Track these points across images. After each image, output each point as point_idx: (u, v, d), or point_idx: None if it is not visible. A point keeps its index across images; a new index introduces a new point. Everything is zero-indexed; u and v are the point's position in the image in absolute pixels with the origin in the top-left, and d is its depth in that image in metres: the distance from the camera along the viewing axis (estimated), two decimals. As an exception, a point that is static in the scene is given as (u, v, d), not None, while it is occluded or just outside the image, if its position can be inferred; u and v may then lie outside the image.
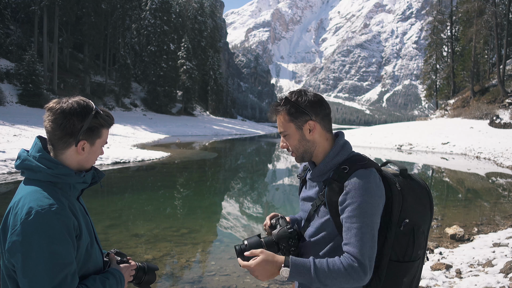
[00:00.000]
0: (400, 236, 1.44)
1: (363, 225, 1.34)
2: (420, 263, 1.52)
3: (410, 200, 1.46)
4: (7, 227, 1.25)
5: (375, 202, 1.37)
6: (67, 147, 1.34)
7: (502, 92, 35.47)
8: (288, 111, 1.50)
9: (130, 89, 53.23)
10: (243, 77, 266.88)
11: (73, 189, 1.38)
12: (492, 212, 8.71)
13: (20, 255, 1.19)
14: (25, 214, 1.21)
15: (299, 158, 1.56)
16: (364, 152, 1.54)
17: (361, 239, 1.33)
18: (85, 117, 1.33)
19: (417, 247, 1.47)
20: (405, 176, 1.51)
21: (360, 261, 1.32)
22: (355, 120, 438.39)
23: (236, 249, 1.51)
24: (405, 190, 1.46)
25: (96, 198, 8.92)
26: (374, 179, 1.40)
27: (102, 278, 1.37)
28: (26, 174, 1.33)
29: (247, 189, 12.26)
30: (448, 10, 51.58)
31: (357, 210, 1.35)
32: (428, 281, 4.28)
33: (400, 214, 1.43)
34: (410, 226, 1.45)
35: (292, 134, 1.52)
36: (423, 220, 1.49)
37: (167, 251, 5.56)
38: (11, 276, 1.27)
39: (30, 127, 23.22)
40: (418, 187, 1.51)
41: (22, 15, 43.48)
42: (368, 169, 1.42)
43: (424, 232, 1.50)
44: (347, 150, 1.53)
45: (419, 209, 1.47)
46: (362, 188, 1.37)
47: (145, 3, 60.63)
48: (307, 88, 1.57)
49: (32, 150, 1.35)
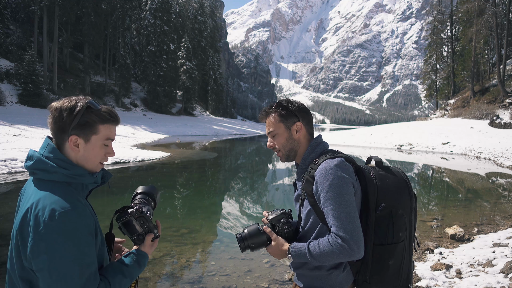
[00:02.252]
0: (379, 220, 1.55)
1: (337, 205, 1.48)
2: (405, 246, 1.60)
3: (385, 186, 1.58)
4: (27, 229, 1.22)
5: (342, 182, 1.50)
6: (63, 143, 1.34)
7: (502, 92, 35.47)
8: (280, 113, 1.71)
9: (130, 89, 53.21)
10: (243, 77, 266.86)
11: (84, 189, 1.38)
12: (492, 212, 8.71)
13: (45, 256, 1.18)
14: (48, 216, 1.20)
15: (285, 156, 1.74)
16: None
17: (338, 217, 1.47)
18: (73, 111, 1.31)
19: (397, 229, 1.57)
20: (381, 167, 1.66)
21: (343, 237, 1.45)
22: (355, 120, 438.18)
23: (237, 237, 1.66)
24: (379, 178, 1.60)
25: (96, 198, 8.91)
26: (338, 164, 1.54)
27: (120, 265, 1.38)
28: (40, 175, 1.31)
29: (247, 189, 12.25)
30: (448, 10, 51.57)
31: (328, 194, 1.50)
32: (428, 281, 4.28)
33: (376, 200, 1.56)
34: (388, 210, 1.56)
35: (281, 133, 1.72)
36: (401, 204, 1.59)
37: (167, 251, 5.55)
38: (24, 278, 1.26)
39: (30, 127, 23.21)
40: (393, 175, 1.64)
41: (22, 15, 43.46)
42: (334, 158, 1.57)
43: (404, 215, 1.59)
44: (322, 147, 1.72)
45: (395, 194, 1.58)
46: (327, 173, 1.52)
47: (145, 3, 60.63)
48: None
49: (45, 150, 1.33)
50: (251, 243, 1.63)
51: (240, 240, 1.64)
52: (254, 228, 1.66)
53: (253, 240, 1.64)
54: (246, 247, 1.64)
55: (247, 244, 1.63)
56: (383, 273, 1.57)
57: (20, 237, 1.24)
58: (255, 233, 1.64)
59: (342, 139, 31.50)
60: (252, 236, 1.64)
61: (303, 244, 1.56)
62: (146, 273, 4.67)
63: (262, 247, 1.65)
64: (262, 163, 20.96)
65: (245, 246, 1.64)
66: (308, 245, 1.54)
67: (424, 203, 10.23)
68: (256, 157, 23.99)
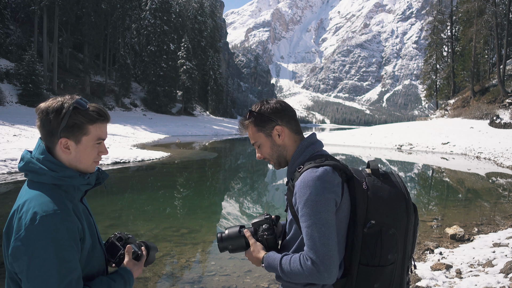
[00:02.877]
0: (367, 238, 1.37)
1: (311, 223, 1.34)
2: (395, 269, 1.41)
3: (377, 200, 1.39)
4: (11, 231, 1.22)
5: (321, 199, 1.34)
6: (53, 146, 1.32)
7: (502, 92, 35.47)
8: (255, 122, 1.57)
9: (130, 89, 53.22)
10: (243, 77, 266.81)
11: (77, 191, 1.36)
12: (492, 212, 8.70)
13: (24, 260, 1.17)
14: (29, 219, 1.19)
15: (277, 164, 1.62)
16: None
17: (311, 237, 1.33)
18: (60, 113, 1.28)
19: (386, 251, 1.37)
20: (377, 176, 1.45)
21: (313, 259, 1.32)
22: (355, 120, 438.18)
23: (217, 236, 1.61)
24: (372, 190, 1.41)
25: (96, 198, 8.91)
26: (321, 176, 1.37)
27: (108, 280, 1.35)
28: (30, 176, 1.31)
29: (247, 189, 12.25)
30: (448, 10, 51.56)
31: (304, 209, 1.36)
32: (428, 281, 4.28)
33: (366, 215, 1.38)
34: (377, 228, 1.37)
35: (263, 143, 1.59)
36: (394, 222, 1.39)
37: (167, 251, 5.55)
38: (13, 279, 1.26)
39: (30, 127, 23.20)
40: (391, 186, 1.43)
41: (22, 15, 43.46)
42: (320, 167, 1.40)
43: (395, 235, 1.39)
44: (311, 150, 1.53)
45: (388, 210, 1.39)
46: (306, 186, 1.36)
47: (145, 3, 60.61)
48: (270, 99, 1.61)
49: (36, 151, 1.32)
50: (229, 245, 1.60)
51: (219, 240, 1.60)
52: (234, 230, 1.61)
53: (231, 242, 1.60)
54: (224, 248, 1.61)
55: (225, 245, 1.60)
56: None
57: (6, 239, 1.24)
58: (234, 236, 1.59)
59: (342, 139, 31.50)
60: (231, 238, 1.60)
61: (277, 257, 1.44)
62: (146, 273, 4.67)
63: (241, 251, 1.61)
64: (262, 163, 20.95)
65: (224, 247, 1.60)
66: (281, 260, 1.42)
67: (424, 203, 10.23)
68: (256, 157, 23.99)
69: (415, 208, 1.47)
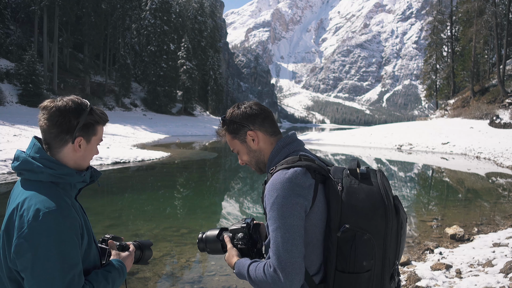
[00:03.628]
0: (341, 243, 1.30)
1: (276, 227, 1.28)
2: (372, 277, 1.31)
3: (352, 203, 1.30)
4: (12, 229, 1.23)
5: (288, 202, 1.28)
6: (64, 145, 1.34)
7: (502, 92, 35.47)
8: (228, 130, 1.54)
9: (130, 89, 53.21)
10: (243, 77, 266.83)
11: (73, 189, 1.38)
12: (492, 212, 8.71)
13: (29, 256, 1.18)
14: (32, 216, 1.20)
15: (258, 169, 1.58)
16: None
17: (275, 242, 1.28)
18: (81, 113, 1.33)
19: (360, 257, 1.29)
20: (356, 176, 1.35)
21: (275, 266, 1.26)
22: (355, 120, 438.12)
23: (198, 236, 1.65)
24: (347, 191, 1.31)
25: (96, 198, 8.91)
26: (291, 178, 1.31)
27: (104, 272, 1.37)
28: (26, 175, 1.32)
29: (247, 189, 12.26)
30: (448, 10, 51.57)
31: (270, 213, 1.31)
32: (428, 281, 4.28)
33: (340, 218, 1.30)
34: (352, 233, 1.29)
35: (240, 149, 1.55)
36: (371, 227, 1.29)
37: (167, 251, 5.55)
38: (13, 278, 1.26)
39: (30, 127, 23.21)
40: (369, 189, 1.33)
41: (22, 15, 43.45)
42: (290, 169, 1.33)
43: (371, 241, 1.29)
44: (287, 150, 1.47)
45: (363, 214, 1.29)
46: (274, 188, 1.31)
47: (145, 3, 60.61)
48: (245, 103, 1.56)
49: (31, 150, 1.33)
50: (207, 247, 1.63)
51: (199, 241, 1.64)
52: (213, 233, 1.63)
53: (209, 244, 1.62)
54: (203, 249, 1.64)
55: (203, 247, 1.63)
56: None
57: (6, 238, 1.25)
58: (211, 239, 1.61)
59: (342, 139, 31.51)
60: (209, 241, 1.62)
61: (246, 263, 1.41)
62: (146, 273, 4.67)
63: (218, 254, 1.63)
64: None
65: (202, 247, 1.64)
66: (248, 267, 1.38)
67: (424, 203, 10.24)
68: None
69: (397, 211, 1.34)
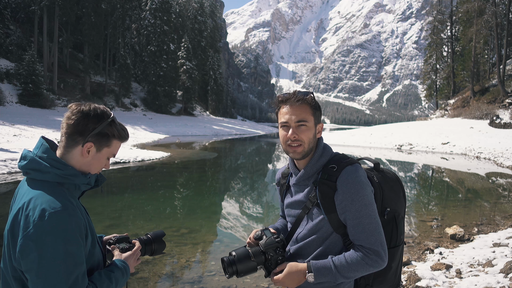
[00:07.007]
0: (385, 224, 1.56)
1: (366, 216, 1.45)
2: (402, 247, 1.66)
3: (387, 191, 1.59)
4: (18, 228, 1.23)
5: (369, 193, 1.48)
6: (74, 145, 1.35)
7: (502, 92, 35.48)
8: (313, 105, 1.56)
9: (130, 89, 53.22)
10: (243, 77, 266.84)
11: (77, 190, 1.39)
12: (492, 212, 8.70)
13: (34, 257, 1.19)
14: (38, 216, 1.20)
15: (306, 152, 1.54)
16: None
17: (369, 230, 1.45)
18: (100, 121, 1.36)
19: (400, 232, 1.61)
20: (378, 170, 1.65)
21: (374, 250, 1.44)
22: (355, 120, 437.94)
23: (225, 260, 1.49)
24: (382, 182, 1.60)
25: (96, 198, 8.91)
26: (362, 172, 1.51)
27: (107, 272, 1.38)
28: (33, 175, 1.32)
29: (247, 189, 12.25)
30: (448, 10, 51.59)
31: (357, 205, 1.45)
32: (428, 281, 4.28)
33: (382, 205, 1.56)
34: (392, 214, 1.59)
35: (310, 128, 1.54)
36: (400, 207, 1.63)
37: (167, 251, 5.55)
38: (17, 277, 1.27)
39: (30, 127, 23.21)
40: (390, 178, 1.65)
41: (22, 15, 43.47)
42: (354, 165, 1.52)
43: (404, 218, 1.66)
44: (329, 151, 1.62)
45: (394, 198, 1.61)
46: (354, 183, 1.46)
47: (145, 3, 60.61)
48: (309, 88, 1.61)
49: (38, 150, 1.34)
50: (240, 269, 1.48)
51: (228, 264, 1.48)
52: (242, 251, 1.50)
53: (241, 265, 1.48)
54: (233, 273, 1.48)
55: (235, 270, 1.48)
56: (385, 275, 1.57)
57: (11, 237, 1.25)
58: (244, 257, 1.48)
59: (342, 139, 31.50)
60: (241, 261, 1.48)
61: (326, 261, 1.45)
62: (146, 273, 4.67)
63: (250, 273, 1.50)
64: (262, 163, 20.96)
65: (233, 271, 1.48)
66: (333, 260, 1.44)
67: (424, 203, 10.23)
68: (256, 157, 23.99)
69: None
